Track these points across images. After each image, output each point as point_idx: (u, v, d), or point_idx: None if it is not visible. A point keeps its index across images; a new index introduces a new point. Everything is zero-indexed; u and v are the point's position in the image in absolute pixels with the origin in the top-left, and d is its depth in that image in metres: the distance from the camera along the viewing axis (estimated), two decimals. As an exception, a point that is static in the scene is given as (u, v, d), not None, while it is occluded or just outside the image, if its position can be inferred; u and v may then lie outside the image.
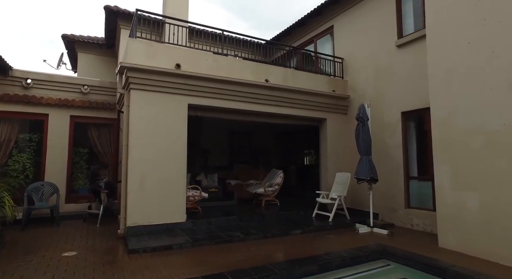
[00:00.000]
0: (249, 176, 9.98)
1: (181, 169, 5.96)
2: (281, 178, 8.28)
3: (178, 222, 5.81)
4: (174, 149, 5.91)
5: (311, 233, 6.03)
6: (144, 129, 5.67)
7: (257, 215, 6.76)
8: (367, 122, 6.48)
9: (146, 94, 5.75)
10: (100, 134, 7.72)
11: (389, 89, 7.00)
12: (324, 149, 7.97)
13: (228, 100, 6.55)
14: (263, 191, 7.97)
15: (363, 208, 7.40)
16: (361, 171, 6.34)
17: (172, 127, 5.93)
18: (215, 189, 8.36)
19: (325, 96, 7.78)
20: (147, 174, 5.59)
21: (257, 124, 11.71)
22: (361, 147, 6.43)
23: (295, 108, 7.44)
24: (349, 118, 8.16)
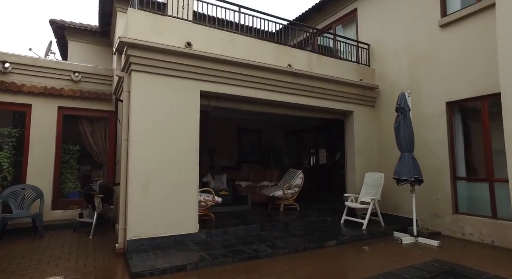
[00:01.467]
0: (260, 176, 9.00)
1: (193, 169, 4.95)
2: (301, 178, 7.31)
3: (190, 233, 4.80)
4: (185, 145, 4.91)
5: (346, 244, 5.08)
6: (148, 121, 4.65)
7: (279, 222, 5.77)
8: (409, 113, 5.55)
9: (150, 78, 4.73)
10: (94, 129, 6.66)
11: (429, 77, 6.08)
12: (351, 146, 7.03)
13: (245, 88, 5.56)
14: (281, 194, 6.99)
15: (398, 213, 6.49)
16: (402, 171, 5.39)
17: (182, 118, 4.93)
18: (226, 192, 7.35)
19: (352, 86, 6.83)
20: (152, 175, 4.58)
21: (268, 121, 10.73)
22: (402, 143, 5.49)
23: (320, 98, 6.48)
24: (378, 111, 7.24)
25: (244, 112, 7.32)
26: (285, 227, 5.76)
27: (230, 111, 6.60)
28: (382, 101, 7.15)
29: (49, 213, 5.91)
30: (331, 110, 6.96)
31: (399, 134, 5.56)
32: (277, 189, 7.30)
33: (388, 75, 7.02)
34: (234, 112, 9.44)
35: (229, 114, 9.81)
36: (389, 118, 6.88)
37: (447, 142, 5.72)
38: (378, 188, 6.28)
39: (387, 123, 6.94)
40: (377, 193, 6.21)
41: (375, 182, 6.40)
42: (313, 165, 10.40)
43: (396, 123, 5.62)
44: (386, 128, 6.96)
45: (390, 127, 6.84)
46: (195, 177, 4.96)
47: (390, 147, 6.83)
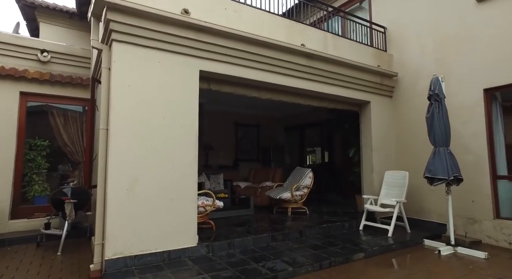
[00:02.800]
0: (261, 176, 8.07)
1: (191, 167, 3.98)
2: (311, 178, 6.42)
3: (187, 247, 3.82)
4: (181, 137, 3.93)
5: (376, 257, 4.22)
6: (133, 106, 3.65)
7: (292, 230, 4.85)
8: (444, 101, 4.74)
9: (137, 52, 3.73)
10: (68, 120, 5.56)
11: (461, 61, 5.30)
12: (367, 141, 6.19)
13: (253, 69, 4.62)
14: (289, 196, 6.08)
15: (422, 216, 5.71)
16: (438, 168, 4.57)
17: (178, 104, 3.95)
18: (225, 194, 6.38)
19: (370, 72, 6.00)
20: (138, 174, 3.58)
21: (267, 115, 9.83)
22: (437, 135, 4.67)
23: (335, 86, 5.61)
24: (395, 102, 6.43)
25: (247, 102, 6.43)
26: (299, 235, 4.85)
27: (232, 100, 5.65)
28: (400, 91, 6.35)
29: (5, 223, 4.77)
30: (346, 101, 6.11)
31: (432, 126, 4.73)
32: (283, 190, 6.38)
33: (408, 61, 6.22)
34: (231, 105, 8.54)
35: (226, 106, 8.88)
36: (409, 110, 6.11)
37: (486, 135, 4.95)
38: (401, 189, 5.45)
39: (406, 116, 6.16)
40: (401, 194, 5.38)
41: (398, 182, 5.58)
42: (318, 163, 9.54)
43: (428, 112, 4.80)
44: (405, 121, 6.17)
45: (409, 121, 6.09)
46: (193, 177, 3.98)
47: (409, 142, 6.06)
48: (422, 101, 5.80)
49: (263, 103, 8.75)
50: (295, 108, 9.21)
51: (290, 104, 8.67)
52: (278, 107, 9.17)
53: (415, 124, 5.96)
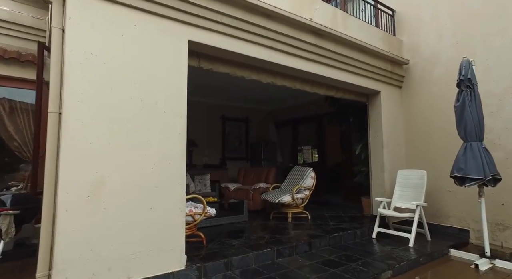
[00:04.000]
0: (252, 177, 7.18)
1: (178, 165, 3.04)
2: (313, 178, 5.61)
3: (172, 272, 2.87)
4: (164, 126, 2.98)
5: (406, 274, 3.48)
6: (99, 82, 2.65)
7: (299, 242, 4.00)
8: (477, 87, 4.05)
9: (104, 7, 2.73)
10: (15, 107, 4.40)
11: (488, 44, 4.67)
12: (377, 136, 5.46)
13: (252, 44, 3.73)
14: (290, 199, 5.23)
15: (439, 221, 5.07)
16: (470, 167, 3.87)
17: (160, 82, 2.99)
18: (214, 198, 5.44)
19: (380, 58, 5.27)
20: (105, 176, 2.59)
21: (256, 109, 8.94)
22: (468, 128, 3.97)
23: (345, 71, 4.82)
24: (406, 93, 5.76)
25: (235, 93, 5.55)
26: (308, 248, 4.01)
27: (219, 90, 4.75)
28: (411, 81, 5.67)
29: None
30: (355, 89, 5.36)
31: (462, 117, 4.03)
32: (282, 193, 5.53)
33: (421, 47, 5.55)
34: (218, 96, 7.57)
35: (212, 97, 7.92)
36: (422, 101, 5.45)
37: (518, 127, 4.34)
38: (419, 190, 4.75)
39: (418, 108, 5.50)
40: (419, 196, 4.68)
41: (414, 182, 4.88)
42: (313, 162, 8.78)
43: (458, 101, 4.09)
44: (417, 113, 5.52)
45: (422, 113, 5.45)
46: (180, 177, 3.03)
47: (422, 137, 5.41)
48: (440, 90, 5.17)
49: (252, 95, 7.89)
50: (287, 100, 8.41)
51: (283, 95, 7.85)
52: (269, 99, 8.33)
53: (430, 117, 5.30)
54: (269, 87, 7.35)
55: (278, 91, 7.55)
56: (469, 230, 4.74)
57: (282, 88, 7.13)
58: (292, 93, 7.74)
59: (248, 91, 7.64)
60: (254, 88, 7.35)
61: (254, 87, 7.32)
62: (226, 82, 6.90)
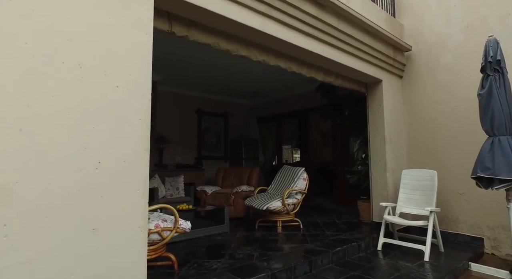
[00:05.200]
0: (231, 178, 6.31)
1: (138, 164, 2.09)
2: (305, 180, 4.83)
3: (126, 324, 1.93)
4: (117, 106, 2.02)
5: (434, 301, 2.75)
6: (12, 35, 1.66)
7: (298, 261, 3.18)
8: (507, 72, 3.45)
9: None
10: None
11: (508, 25, 4.12)
12: (379, 132, 4.79)
13: (242, 8, 2.86)
14: (280, 205, 4.41)
15: (448, 228, 4.53)
16: (499, 166, 3.24)
17: (111, 45, 2.03)
18: (188, 205, 4.50)
19: (383, 41, 4.60)
20: (15, 182, 1.60)
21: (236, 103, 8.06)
22: (496, 119, 3.34)
23: (346, 53, 4.09)
24: (408, 83, 5.15)
25: (213, 84, 4.76)
26: (309, 268, 3.21)
27: (195, 80, 3.89)
28: (414, 69, 5.07)
29: None
30: (354, 77, 4.66)
31: (488, 107, 3.38)
32: (269, 197, 4.70)
33: (424, 33, 4.96)
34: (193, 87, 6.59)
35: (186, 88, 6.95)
36: (427, 92, 4.87)
37: (542, 120, 3.79)
38: (429, 193, 4.11)
39: (422, 99, 4.91)
40: (430, 200, 4.04)
41: (423, 184, 4.24)
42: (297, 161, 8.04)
43: (483, 88, 3.45)
44: (421, 106, 4.92)
45: (427, 105, 4.84)
46: (140, 182, 2.09)
47: (423, 136, 4.86)
48: (446, 81, 4.63)
49: (232, 87, 7.02)
50: (271, 94, 7.63)
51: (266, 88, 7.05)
52: (252, 92, 7.50)
53: (434, 111, 4.71)
54: (252, 79, 6.58)
55: (262, 83, 6.75)
56: (483, 238, 4.17)
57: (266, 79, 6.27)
58: (277, 85, 6.97)
59: (228, 83, 6.77)
60: (235, 79, 6.50)
61: (234, 78, 6.46)
62: (203, 71, 5.99)
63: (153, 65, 2.23)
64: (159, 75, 5.90)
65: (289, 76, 6.31)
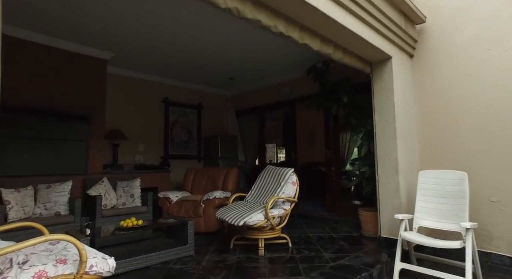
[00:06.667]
0: (203, 182, 5.16)
1: None
2: (295, 185, 3.74)
3: None
4: None
5: None
6: None
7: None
8: None
9: None
10: None
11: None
12: (388, 122, 3.76)
13: None
14: (262, 219, 3.29)
15: (478, 245, 3.46)
16: None
17: None
18: (138, 221, 3.31)
19: (394, 7, 3.58)
20: None
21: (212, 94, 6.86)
22: None
23: (350, 12, 3.01)
24: (419, 65, 4.18)
25: (182, 69, 3.73)
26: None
27: (160, 61, 2.81)
28: (426, 49, 4.10)
29: None
30: (357, 52, 3.61)
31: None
32: (249, 208, 3.58)
33: (441, 2, 3.99)
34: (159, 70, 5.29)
35: (150, 72, 5.72)
36: (439, 80, 3.94)
37: None
38: (460, 201, 3.10)
39: (434, 87, 3.98)
40: (461, 211, 3.03)
41: (450, 190, 3.22)
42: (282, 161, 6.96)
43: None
44: (433, 95, 3.95)
45: (439, 95, 3.89)
46: None
47: (438, 129, 3.89)
48: (470, 60, 3.66)
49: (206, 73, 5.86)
50: (253, 82, 6.52)
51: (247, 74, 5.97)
52: (230, 80, 6.36)
53: (454, 99, 3.75)
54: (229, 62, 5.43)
55: (240, 67, 5.62)
56: (521, 258, 3.22)
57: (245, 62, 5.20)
58: (259, 71, 5.87)
59: (201, 67, 5.60)
60: (209, 63, 5.35)
61: (209, 62, 5.32)
62: (168, 51, 4.81)
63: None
64: (111, 50, 4.66)
65: (273, 59, 5.27)
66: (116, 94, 5.35)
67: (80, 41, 4.38)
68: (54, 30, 4.07)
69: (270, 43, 4.57)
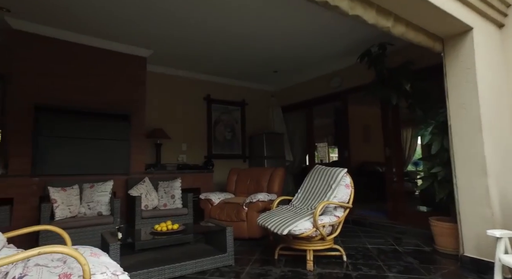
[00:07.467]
0: (247, 183, 4.81)
1: None
2: (349, 188, 3.18)
3: None
4: None
5: None
6: None
7: None
8: None
9: None
10: None
11: None
12: (469, 112, 3.00)
13: None
14: (310, 228, 2.80)
15: None
16: None
17: None
18: (174, 225, 3.05)
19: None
20: None
21: (256, 90, 6.51)
22: None
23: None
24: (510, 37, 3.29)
25: (224, 64, 3.46)
26: None
27: (199, 58, 2.53)
28: (522, 15, 3.21)
29: None
30: (422, 25, 2.92)
31: None
32: (294, 214, 3.13)
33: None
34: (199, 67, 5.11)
35: (189, 69, 5.56)
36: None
37: None
38: None
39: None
40: None
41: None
42: (334, 162, 6.34)
43: None
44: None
45: None
46: None
47: None
48: None
49: (249, 67, 5.52)
50: (298, 74, 6.02)
51: (292, 65, 5.50)
52: (274, 73, 5.94)
53: None
54: (272, 54, 4.99)
55: (285, 58, 5.17)
56: None
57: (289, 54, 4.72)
58: (304, 62, 5.35)
59: (244, 62, 5.28)
60: (252, 56, 5.02)
61: (251, 55, 4.99)
62: (209, 47, 4.57)
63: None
64: (150, 47, 4.56)
65: (320, 46, 4.70)
66: (158, 93, 5.29)
67: (120, 40, 4.34)
68: (96, 30, 4.06)
69: (316, 28, 4.05)
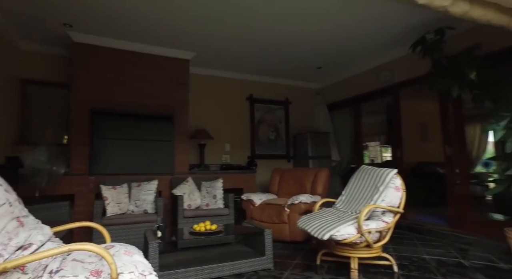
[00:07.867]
0: (290, 184, 4.65)
1: None
2: (400, 191, 2.85)
3: None
4: None
5: None
6: None
7: None
8: None
9: None
10: None
11: None
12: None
13: None
14: (354, 234, 2.56)
15: None
16: None
17: None
18: (212, 226, 3.04)
19: None
20: None
21: (299, 88, 6.31)
22: None
23: None
24: None
25: (267, 62, 3.42)
26: None
27: (243, 57, 2.55)
28: None
29: None
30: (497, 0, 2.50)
31: None
32: (337, 217, 2.90)
33: None
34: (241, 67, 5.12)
35: (231, 70, 5.59)
36: None
37: None
38: None
39: None
40: None
41: None
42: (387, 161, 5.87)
43: None
44: None
45: None
46: None
47: None
48: None
49: (293, 64, 5.36)
50: (344, 69, 5.68)
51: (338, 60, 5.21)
52: (319, 70, 5.68)
53: None
54: (316, 49, 4.76)
55: (329, 54, 4.91)
56: None
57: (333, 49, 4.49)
58: (350, 56, 5.02)
59: (286, 60, 5.15)
60: (294, 53, 4.87)
61: (294, 52, 4.85)
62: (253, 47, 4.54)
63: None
64: (192, 49, 4.66)
65: (366, 37, 4.34)
66: (201, 94, 5.39)
67: (163, 44, 4.49)
68: (144, 37, 4.26)
69: (361, 17, 3.75)
